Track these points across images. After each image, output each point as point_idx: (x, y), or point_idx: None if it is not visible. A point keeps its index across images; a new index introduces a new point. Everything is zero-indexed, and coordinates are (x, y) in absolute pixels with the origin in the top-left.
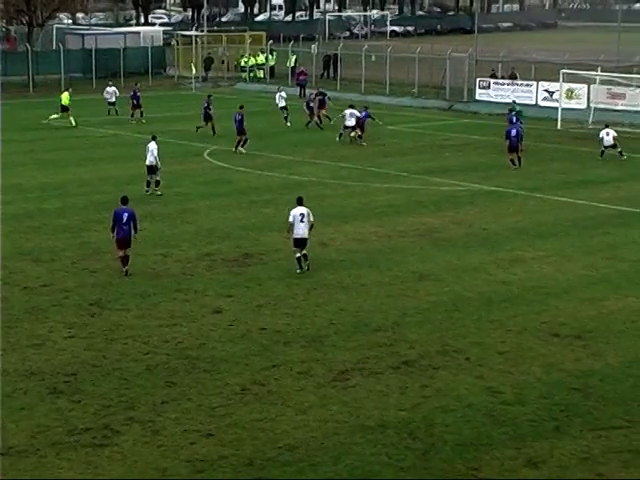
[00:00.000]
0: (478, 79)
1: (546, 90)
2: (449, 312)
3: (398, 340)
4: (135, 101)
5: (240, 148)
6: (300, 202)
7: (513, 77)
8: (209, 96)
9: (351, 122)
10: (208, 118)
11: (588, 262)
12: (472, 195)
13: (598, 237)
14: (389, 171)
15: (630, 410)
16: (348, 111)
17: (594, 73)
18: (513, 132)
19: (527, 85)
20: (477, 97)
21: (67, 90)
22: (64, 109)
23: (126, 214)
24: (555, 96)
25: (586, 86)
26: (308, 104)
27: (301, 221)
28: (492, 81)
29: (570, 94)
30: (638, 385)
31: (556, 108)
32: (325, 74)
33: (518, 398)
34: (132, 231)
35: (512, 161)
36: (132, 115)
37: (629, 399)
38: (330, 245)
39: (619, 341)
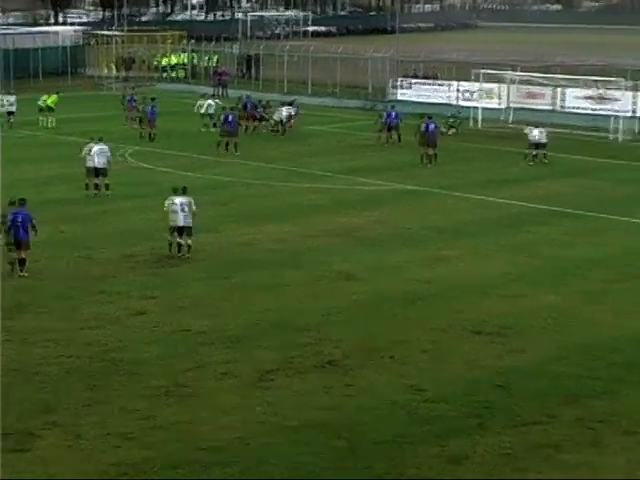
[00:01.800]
0: (399, 79)
1: (466, 90)
2: (373, 311)
3: (322, 340)
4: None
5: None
6: (177, 191)
7: (434, 77)
8: (152, 99)
9: (280, 115)
10: (140, 121)
11: (509, 260)
12: (395, 194)
13: (519, 235)
14: (314, 171)
15: (549, 405)
16: (284, 108)
17: (513, 73)
18: (431, 127)
19: (447, 85)
20: (398, 97)
21: (56, 93)
22: (49, 109)
23: (20, 216)
24: (475, 96)
25: (505, 86)
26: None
27: (182, 210)
28: (413, 81)
29: (490, 94)
30: (557, 381)
31: (476, 108)
32: (246, 74)
33: (441, 395)
34: (30, 233)
35: (423, 156)
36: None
37: (549, 395)
38: (253, 245)
39: (538, 337)
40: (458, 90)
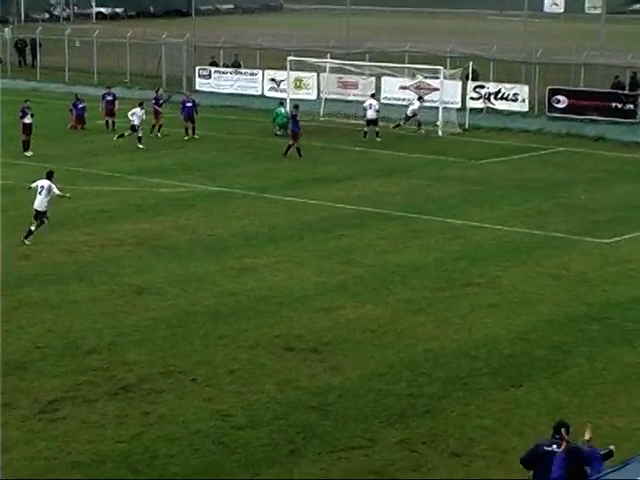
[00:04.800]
0: (198, 67)
1: (272, 79)
2: (172, 328)
3: (115, 363)
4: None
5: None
6: (47, 175)
7: (236, 65)
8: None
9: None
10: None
11: (323, 268)
12: (195, 197)
13: (333, 240)
14: (100, 171)
15: (371, 428)
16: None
17: (324, 60)
18: (298, 118)
19: (252, 74)
20: (197, 87)
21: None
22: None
23: None
24: (282, 86)
25: (315, 74)
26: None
27: (39, 193)
28: (213, 70)
29: (299, 83)
30: (379, 400)
31: (284, 99)
32: (21, 61)
33: (250, 421)
34: None
35: (298, 150)
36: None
37: (370, 416)
38: (34, 258)
39: (358, 353)
40: (264, 79)
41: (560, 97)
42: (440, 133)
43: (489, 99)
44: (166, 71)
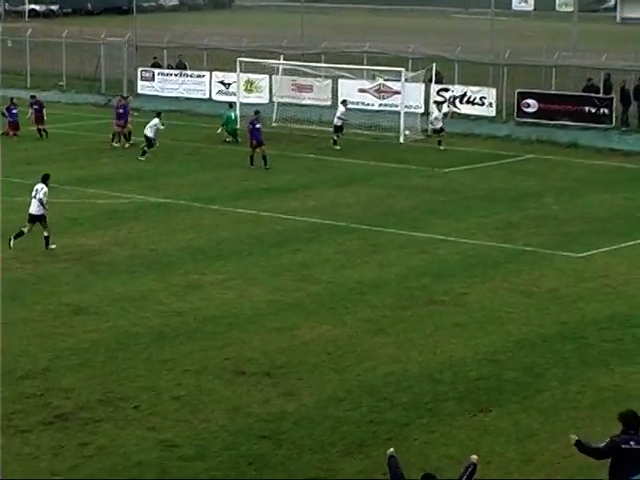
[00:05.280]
0: (140, 69)
1: (221, 82)
2: (113, 352)
3: (50, 389)
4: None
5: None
6: (42, 178)
7: (181, 67)
8: (11, 99)
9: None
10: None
11: (276, 285)
12: (137, 209)
13: (286, 255)
14: (33, 182)
15: (328, 458)
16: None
17: (276, 61)
18: (258, 125)
19: (199, 76)
20: (139, 91)
21: None
22: None
23: None
24: (232, 89)
25: (267, 77)
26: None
27: (34, 197)
28: (157, 71)
29: (249, 86)
30: (337, 428)
31: (234, 103)
32: None
33: (198, 451)
34: None
35: (251, 158)
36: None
37: (327, 445)
38: None
39: (314, 377)
40: (211, 82)
41: (530, 101)
42: (401, 139)
43: (454, 103)
44: (105, 73)
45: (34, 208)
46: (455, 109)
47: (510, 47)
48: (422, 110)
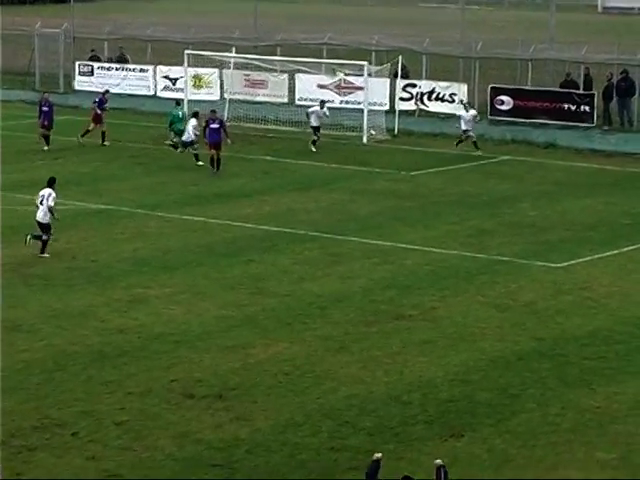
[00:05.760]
0: (77, 63)
1: (167, 77)
2: (49, 373)
3: None
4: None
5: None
6: (48, 182)
7: (122, 60)
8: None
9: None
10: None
11: (228, 299)
12: (75, 216)
13: (239, 266)
14: None
15: None
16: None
17: (227, 54)
18: (213, 125)
19: (142, 71)
20: (77, 87)
21: None
22: None
23: None
24: (179, 84)
25: (218, 71)
26: None
27: (40, 203)
28: (96, 65)
29: (198, 82)
30: (295, 455)
31: (181, 100)
32: None
33: None
34: None
35: (212, 161)
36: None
37: (284, 473)
38: None
39: (269, 399)
40: (156, 77)
41: (504, 97)
42: (365, 140)
43: (422, 100)
44: (40, 67)
45: (41, 215)
46: (423, 106)
47: (482, 39)
48: (387, 107)
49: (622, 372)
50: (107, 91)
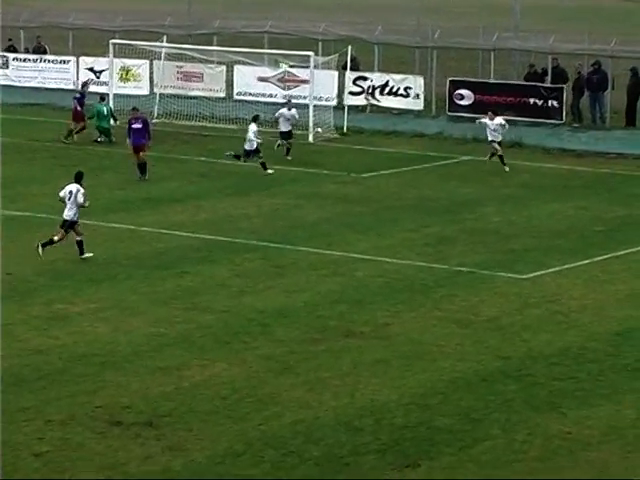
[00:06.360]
0: None
1: (90, 69)
2: None
3: None
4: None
5: None
6: (76, 177)
7: (41, 50)
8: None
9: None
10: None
11: (159, 316)
12: None
13: (172, 279)
14: None
15: None
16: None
17: (158, 44)
18: (135, 125)
19: (63, 62)
20: None
21: None
22: None
23: None
24: (104, 77)
25: (147, 63)
26: None
27: (67, 199)
28: (11, 57)
29: (125, 74)
30: None
31: (106, 94)
32: None
33: None
34: None
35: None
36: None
37: None
38: None
39: (206, 427)
40: (78, 69)
41: (464, 92)
42: (311, 139)
43: (373, 94)
44: None
45: (70, 213)
46: (375, 101)
47: (440, 27)
48: (335, 103)
49: (595, 394)
50: (86, 82)
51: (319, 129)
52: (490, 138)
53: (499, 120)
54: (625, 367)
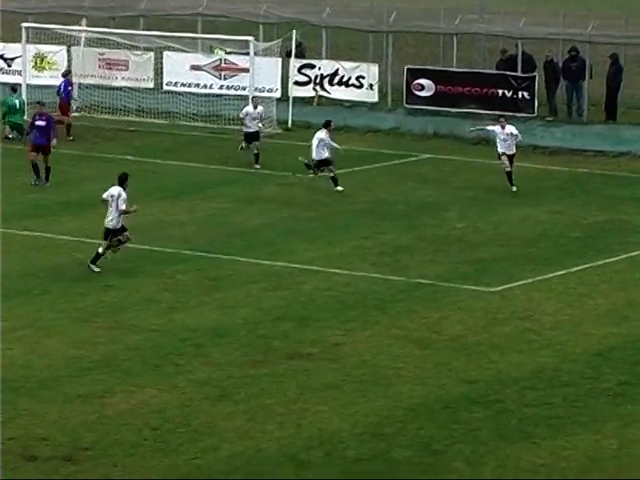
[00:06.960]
0: None
1: (0, 56)
2: None
3: None
4: None
5: None
6: (119, 180)
7: None
8: None
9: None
10: None
11: (80, 336)
12: None
13: (94, 294)
14: None
15: None
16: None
17: (77, 28)
18: (39, 122)
19: None
20: None
21: None
22: None
23: None
24: (15, 66)
25: (65, 49)
26: None
27: (110, 205)
28: None
29: (40, 62)
30: None
31: (18, 85)
32: None
33: None
34: None
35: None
36: None
37: None
38: None
39: (133, 461)
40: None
41: (423, 81)
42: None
43: (322, 84)
44: None
45: (113, 223)
46: (323, 93)
47: (397, 8)
48: (278, 94)
49: (571, 422)
50: (69, 72)
51: (260, 124)
52: (500, 150)
53: (510, 129)
54: (605, 392)
